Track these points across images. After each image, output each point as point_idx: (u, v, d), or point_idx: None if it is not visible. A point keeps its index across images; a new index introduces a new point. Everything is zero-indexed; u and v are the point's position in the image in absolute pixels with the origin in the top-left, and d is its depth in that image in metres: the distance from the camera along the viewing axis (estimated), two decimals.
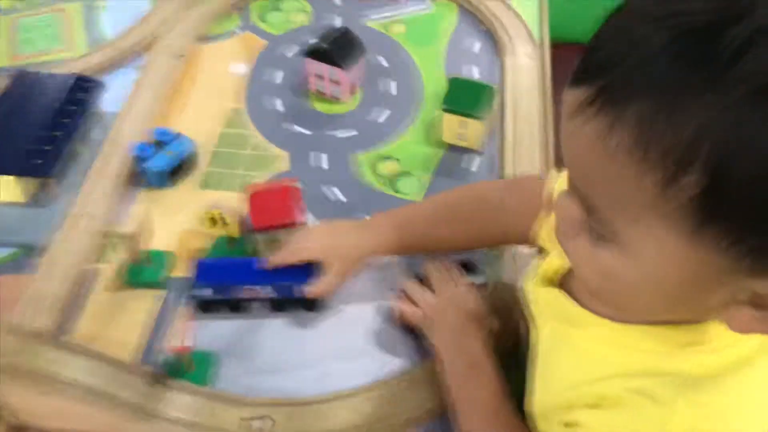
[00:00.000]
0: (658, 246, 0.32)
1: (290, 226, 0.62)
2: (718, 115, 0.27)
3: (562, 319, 0.46)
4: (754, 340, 0.38)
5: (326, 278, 0.59)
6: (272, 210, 0.62)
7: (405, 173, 0.72)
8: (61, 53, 0.85)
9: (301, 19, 0.91)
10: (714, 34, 0.28)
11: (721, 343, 0.38)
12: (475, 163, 0.73)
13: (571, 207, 0.37)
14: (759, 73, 0.27)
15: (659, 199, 0.30)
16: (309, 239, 0.61)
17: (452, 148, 0.74)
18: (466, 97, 0.71)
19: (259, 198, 0.62)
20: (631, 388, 0.39)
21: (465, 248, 0.64)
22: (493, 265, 0.63)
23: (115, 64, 0.83)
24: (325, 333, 0.60)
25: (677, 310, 0.37)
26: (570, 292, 0.46)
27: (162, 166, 0.70)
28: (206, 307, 0.60)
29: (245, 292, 0.60)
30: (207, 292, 0.59)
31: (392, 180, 0.72)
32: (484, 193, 0.63)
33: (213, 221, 0.62)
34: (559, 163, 0.69)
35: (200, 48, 0.86)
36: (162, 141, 0.72)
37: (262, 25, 0.90)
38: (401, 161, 0.74)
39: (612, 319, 0.41)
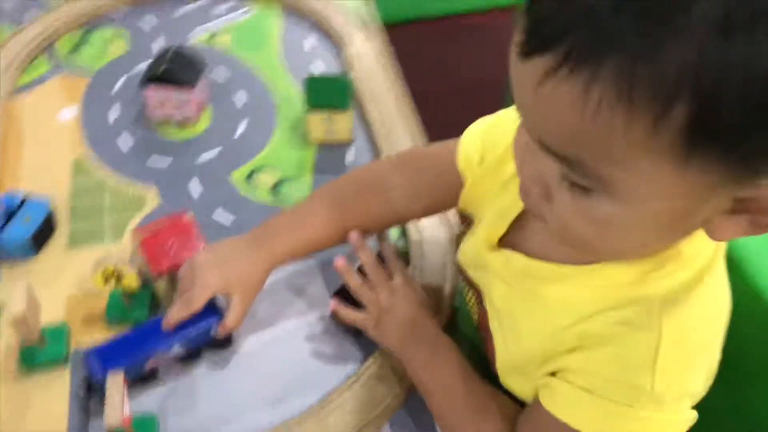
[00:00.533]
0: (649, 183, 0.34)
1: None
2: (694, 50, 0.29)
3: (524, 277, 0.47)
4: (711, 245, 0.42)
5: (233, 311, 0.55)
6: (171, 250, 0.57)
7: (285, 179, 0.71)
8: None
9: (117, 49, 0.85)
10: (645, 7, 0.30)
11: (687, 257, 0.41)
12: (351, 154, 0.73)
13: (546, 168, 0.38)
14: (713, 9, 0.29)
15: (649, 139, 0.32)
16: (201, 277, 0.56)
17: (325, 146, 0.74)
18: (326, 93, 0.71)
19: (153, 241, 0.58)
20: (611, 322, 0.42)
21: (338, 243, 0.61)
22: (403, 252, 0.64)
23: None
24: (260, 364, 0.57)
25: (667, 238, 0.39)
26: (521, 250, 0.47)
27: (22, 234, 0.62)
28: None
29: (152, 362, 0.55)
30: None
31: (275, 189, 0.70)
32: (367, 177, 0.62)
33: (106, 278, 0.56)
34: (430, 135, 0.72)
35: (14, 102, 0.77)
36: (11, 208, 0.64)
37: (77, 62, 0.83)
38: (277, 169, 0.72)
39: (578, 262, 0.43)
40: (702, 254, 0.42)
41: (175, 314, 0.54)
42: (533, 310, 0.47)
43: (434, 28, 1.63)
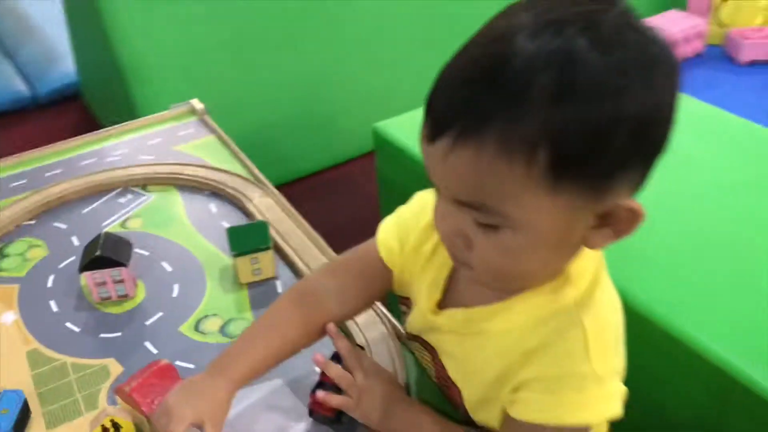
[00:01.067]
0: (535, 212, 0.48)
1: None
2: (540, 115, 0.45)
3: (467, 324, 0.59)
4: (593, 262, 0.56)
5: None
6: (160, 391, 0.64)
7: (229, 320, 0.80)
8: None
9: (37, 254, 0.92)
10: (500, 81, 0.46)
11: (578, 274, 0.55)
12: (279, 286, 0.84)
13: (460, 219, 0.51)
14: (545, 89, 0.45)
15: (526, 179, 0.46)
16: (176, 414, 0.60)
17: (254, 285, 0.84)
18: (248, 238, 0.83)
19: (141, 388, 0.64)
20: (544, 333, 0.54)
21: (307, 344, 0.68)
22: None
23: None
24: None
25: (560, 256, 0.53)
26: (459, 305, 0.60)
27: (4, 427, 0.66)
28: None
29: None
30: None
31: (222, 330, 0.79)
32: (302, 290, 0.69)
33: (105, 429, 0.62)
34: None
35: None
36: None
37: (2, 273, 0.89)
38: (218, 315, 0.81)
39: (504, 299, 0.56)
40: (588, 270, 0.56)
41: None
42: (482, 345, 0.59)
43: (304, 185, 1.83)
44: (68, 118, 2.30)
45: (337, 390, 0.66)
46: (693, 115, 1.26)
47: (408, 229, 0.66)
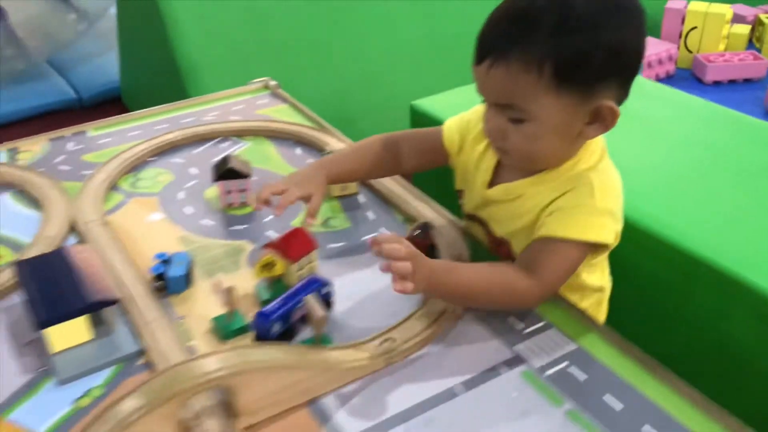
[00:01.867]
0: (547, 108, 0.76)
1: (313, 249, 0.91)
2: (547, 41, 0.73)
3: (510, 193, 0.86)
4: (598, 153, 0.84)
5: (315, 202, 0.91)
6: (299, 245, 0.90)
7: (330, 217, 1.06)
8: None
9: (165, 178, 1.18)
10: (519, 23, 0.75)
11: (587, 158, 0.83)
12: (360, 199, 1.11)
13: (498, 117, 0.80)
14: (547, 26, 0.73)
15: (538, 84, 0.74)
16: (290, 190, 0.90)
17: (341, 198, 1.11)
18: None
19: (285, 241, 0.90)
20: (565, 188, 0.82)
21: (378, 176, 1.04)
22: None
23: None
24: None
25: (565, 145, 0.81)
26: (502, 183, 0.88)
27: (180, 272, 0.91)
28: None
29: (295, 314, 0.85)
30: (276, 327, 0.83)
31: (325, 223, 1.05)
32: (387, 139, 0.99)
33: (263, 266, 0.88)
34: None
35: (107, 219, 1.06)
36: (165, 261, 0.93)
37: (140, 191, 1.14)
38: (321, 214, 1.06)
39: (535, 173, 0.84)
40: (594, 156, 0.84)
41: (280, 198, 0.89)
42: (521, 205, 0.86)
43: None
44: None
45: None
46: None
47: (468, 130, 0.94)
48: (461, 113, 0.98)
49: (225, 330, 0.84)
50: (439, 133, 0.97)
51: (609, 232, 0.81)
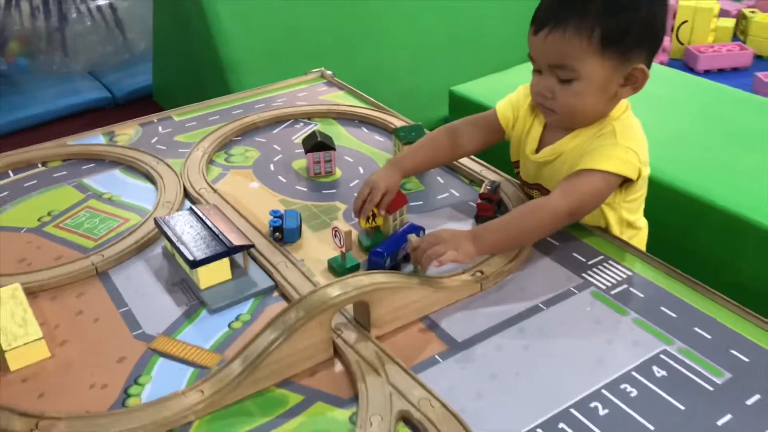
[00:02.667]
0: (593, 68, 0.95)
1: (405, 204, 1.09)
2: (599, 16, 0.92)
3: (553, 151, 1.05)
4: (624, 112, 1.02)
5: (387, 198, 1.05)
6: (395, 200, 1.08)
7: (406, 182, 1.24)
8: None
9: (253, 154, 1.35)
10: (576, 3, 0.93)
11: (614, 116, 1.01)
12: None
13: (547, 79, 0.98)
14: (596, 4, 0.92)
15: (588, 48, 0.93)
16: (375, 187, 1.05)
17: None
18: (410, 134, 1.27)
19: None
20: (595, 138, 1.00)
21: (447, 162, 1.20)
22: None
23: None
24: None
25: (604, 102, 0.99)
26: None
27: (294, 223, 1.09)
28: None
29: (402, 251, 1.03)
30: (388, 262, 1.01)
31: (402, 187, 1.23)
32: (448, 128, 1.15)
33: (367, 218, 1.06)
34: None
35: (217, 187, 1.23)
36: (278, 214, 1.10)
37: (234, 164, 1.31)
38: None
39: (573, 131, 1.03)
40: (619, 114, 1.02)
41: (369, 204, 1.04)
42: (566, 163, 1.03)
43: None
44: (143, 114, 2.70)
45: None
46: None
47: (519, 106, 1.12)
48: (508, 95, 1.14)
49: (341, 268, 1.01)
50: (494, 114, 1.14)
51: (630, 167, 0.98)
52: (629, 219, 1.08)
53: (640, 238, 1.12)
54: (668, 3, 0.98)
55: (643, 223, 1.13)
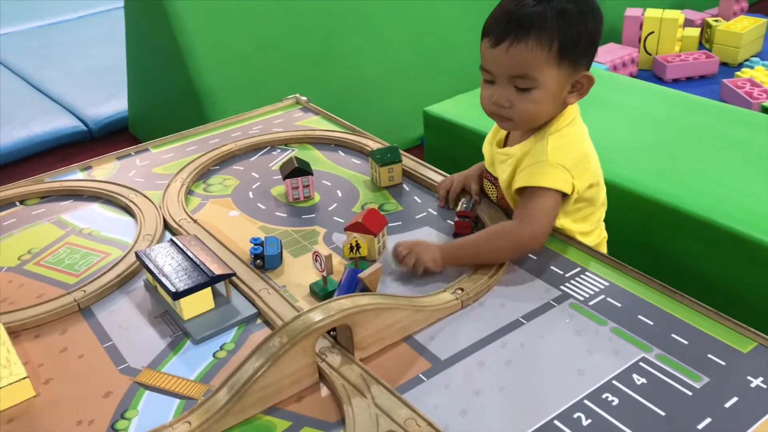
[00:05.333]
0: (551, 77, 1.00)
1: (386, 224, 1.10)
2: (554, 27, 0.97)
3: (507, 154, 1.09)
4: (570, 118, 1.06)
5: (474, 188, 1.19)
6: (376, 221, 1.09)
7: (381, 204, 1.26)
8: None
9: (232, 183, 1.36)
10: (534, 16, 0.98)
11: (559, 120, 1.06)
12: (405, 188, 1.30)
13: (505, 89, 1.03)
14: (553, 19, 0.98)
15: (548, 59, 0.98)
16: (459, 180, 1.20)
17: (388, 188, 1.30)
18: (385, 156, 1.29)
19: (365, 220, 1.09)
20: (530, 149, 1.05)
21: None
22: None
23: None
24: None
25: (558, 106, 1.04)
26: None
27: (275, 249, 1.10)
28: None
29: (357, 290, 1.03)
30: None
31: (380, 208, 1.24)
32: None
33: (351, 248, 1.07)
34: None
35: (196, 217, 1.24)
36: (258, 242, 1.11)
37: (214, 193, 1.32)
38: (374, 201, 1.26)
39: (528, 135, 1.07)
40: (566, 119, 1.06)
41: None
42: (513, 164, 1.08)
43: None
44: (119, 146, 2.70)
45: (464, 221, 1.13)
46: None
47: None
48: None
49: (323, 292, 1.02)
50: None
51: (563, 183, 1.03)
52: (574, 230, 1.11)
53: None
54: (601, 14, 1.05)
55: (598, 235, 1.16)
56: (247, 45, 2.16)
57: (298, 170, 1.25)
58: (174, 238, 1.09)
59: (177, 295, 0.97)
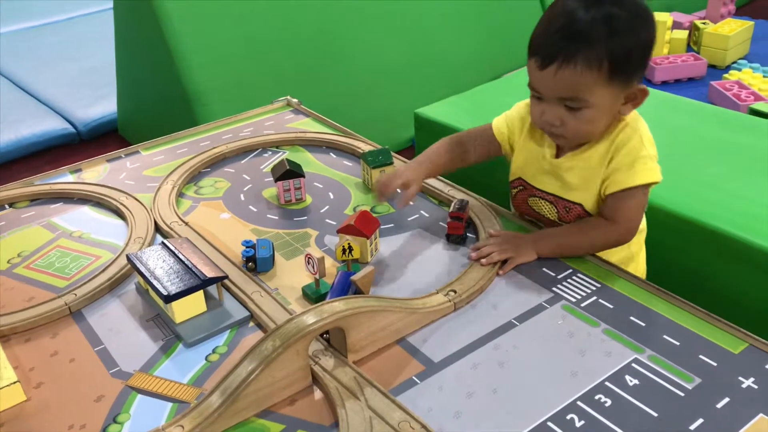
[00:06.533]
0: (601, 95, 0.97)
1: (378, 226, 1.10)
2: (604, 46, 0.94)
3: (576, 159, 1.06)
4: (632, 116, 1.05)
5: (412, 192, 1.11)
6: (369, 223, 1.09)
7: (373, 206, 1.25)
8: None
9: (223, 185, 1.36)
10: (579, 36, 0.95)
11: (622, 121, 1.04)
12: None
13: (555, 109, 1.00)
14: (602, 35, 0.94)
15: (599, 78, 0.95)
16: (393, 177, 1.11)
17: None
18: (378, 158, 1.29)
19: (357, 223, 1.09)
20: (616, 143, 1.02)
21: (454, 169, 1.19)
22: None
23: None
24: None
25: (609, 121, 1.02)
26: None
27: (267, 253, 1.10)
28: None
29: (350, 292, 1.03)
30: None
31: (371, 211, 1.24)
32: (455, 139, 1.19)
33: (343, 250, 1.06)
34: None
35: (188, 219, 1.23)
36: (250, 244, 1.11)
37: (204, 196, 1.32)
38: (366, 203, 1.26)
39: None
40: (627, 120, 1.04)
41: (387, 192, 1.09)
42: (584, 166, 1.05)
43: None
44: (109, 148, 2.69)
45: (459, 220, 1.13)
46: None
47: (513, 123, 1.16)
48: (504, 113, 1.18)
49: (315, 294, 1.02)
50: (489, 127, 1.19)
51: (658, 172, 1.03)
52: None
53: (639, 244, 1.16)
54: (654, 20, 0.99)
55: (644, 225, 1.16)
56: (237, 47, 2.15)
57: (289, 172, 1.25)
58: (165, 241, 1.08)
59: (169, 299, 0.96)
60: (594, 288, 1.01)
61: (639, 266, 1.17)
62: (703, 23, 2.98)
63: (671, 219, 1.38)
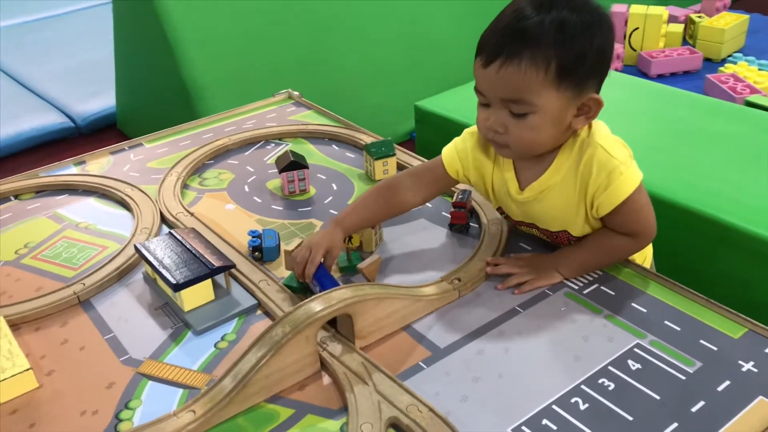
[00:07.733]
0: (548, 101, 0.91)
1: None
2: (550, 44, 0.88)
3: (540, 187, 0.98)
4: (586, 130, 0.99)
5: (331, 257, 1.00)
6: None
7: None
8: None
9: (227, 176, 1.37)
10: (526, 34, 0.89)
11: (578, 133, 0.98)
12: None
13: (499, 113, 0.90)
14: (551, 35, 0.88)
15: (544, 81, 0.89)
16: (315, 244, 0.99)
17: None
18: (381, 149, 1.31)
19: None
20: (584, 164, 0.94)
21: (387, 218, 1.09)
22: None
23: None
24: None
25: (559, 133, 0.92)
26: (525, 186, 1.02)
27: (273, 242, 1.11)
28: None
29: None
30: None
31: None
32: (390, 184, 1.08)
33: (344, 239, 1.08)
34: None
35: (193, 210, 1.25)
36: (256, 234, 1.12)
37: (208, 187, 1.33)
38: None
39: (546, 168, 0.96)
40: (584, 130, 0.98)
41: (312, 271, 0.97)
42: (557, 195, 0.98)
43: None
44: (108, 142, 2.70)
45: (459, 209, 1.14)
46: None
47: (466, 154, 1.04)
48: (454, 140, 1.07)
49: (298, 285, 1.02)
50: (440, 164, 1.07)
51: (636, 171, 0.95)
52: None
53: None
54: (612, 25, 0.94)
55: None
56: (236, 41, 2.16)
57: (293, 164, 1.26)
58: (172, 231, 1.10)
59: (177, 287, 0.98)
60: (596, 275, 1.02)
61: (647, 260, 1.16)
62: (699, 17, 3.00)
63: (666, 207, 1.40)
